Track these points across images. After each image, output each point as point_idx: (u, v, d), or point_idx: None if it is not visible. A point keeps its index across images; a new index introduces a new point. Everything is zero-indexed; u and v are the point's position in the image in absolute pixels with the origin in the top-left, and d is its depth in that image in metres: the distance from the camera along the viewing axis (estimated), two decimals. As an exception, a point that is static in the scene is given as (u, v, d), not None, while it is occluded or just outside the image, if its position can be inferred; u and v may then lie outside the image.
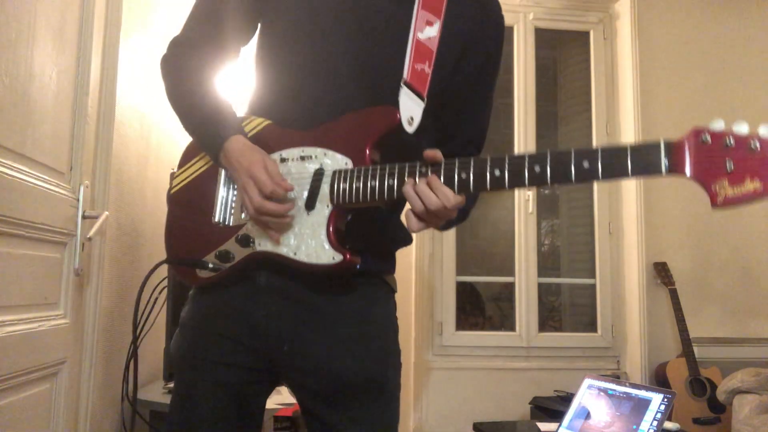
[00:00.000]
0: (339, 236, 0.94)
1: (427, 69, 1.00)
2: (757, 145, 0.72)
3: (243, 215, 1.00)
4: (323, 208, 0.94)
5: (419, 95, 0.99)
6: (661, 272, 2.95)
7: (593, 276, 3.15)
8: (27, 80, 1.28)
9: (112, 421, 1.87)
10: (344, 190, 0.93)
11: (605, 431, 1.80)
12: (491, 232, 3.39)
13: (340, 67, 1.01)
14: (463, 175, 0.86)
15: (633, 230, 3.05)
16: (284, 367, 1.01)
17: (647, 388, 1.83)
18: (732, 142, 0.73)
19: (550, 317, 3.29)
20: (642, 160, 0.77)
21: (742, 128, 0.74)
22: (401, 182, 0.90)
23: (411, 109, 0.98)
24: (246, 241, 0.98)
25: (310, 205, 0.95)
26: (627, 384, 1.89)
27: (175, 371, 1.09)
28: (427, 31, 1.01)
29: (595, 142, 3.20)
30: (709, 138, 0.74)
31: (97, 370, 1.69)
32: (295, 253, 0.95)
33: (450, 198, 0.86)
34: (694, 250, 3.07)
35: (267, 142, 1.00)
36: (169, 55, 1.10)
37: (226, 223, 1.02)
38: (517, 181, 0.84)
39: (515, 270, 3.08)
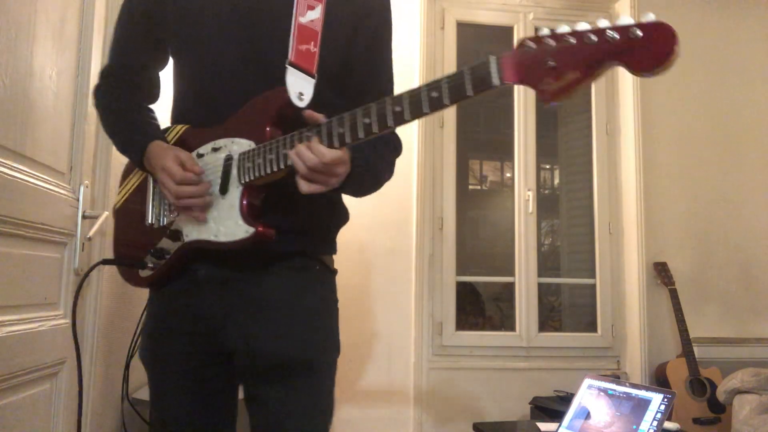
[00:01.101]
0: (253, 212, 1.01)
1: (313, 48, 1.08)
2: (572, 39, 0.79)
3: (171, 214, 1.09)
4: (234, 190, 1.02)
5: (307, 73, 1.07)
6: (661, 272, 2.95)
7: (593, 276, 3.15)
8: (27, 80, 1.28)
9: (112, 421, 1.87)
10: (248, 168, 1.01)
11: (605, 431, 1.80)
12: (491, 232, 3.39)
13: (232, 60, 1.09)
14: (340, 130, 0.93)
15: (633, 230, 3.05)
16: (229, 349, 1.08)
17: (647, 388, 1.83)
18: (552, 42, 0.80)
19: (550, 317, 3.29)
20: (477, 79, 0.84)
21: (562, 29, 0.80)
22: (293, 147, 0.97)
23: (300, 85, 1.05)
24: (176, 235, 1.07)
25: (223, 189, 1.03)
26: (627, 384, 1.89)
27: (146, 371, 1.16)
28: (309, 14, 1.09)
29: (594, 142, 3.20)
30: (532, 44, 0.81)
31: (97, 370, 1.69)
32: (216, 236, 1.02)
33: (325, 154, 0.92)
34: (694, 250, 3.07)
35: (186, 144, 1.09)
36: (98, 86, 1.21)
37: (160, 223, 1.10)
38: (383, 124, 0.90)
39: (515, 270, 3.08)
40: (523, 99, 3.12)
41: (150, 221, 1.12)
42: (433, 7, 3.11)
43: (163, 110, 1.24)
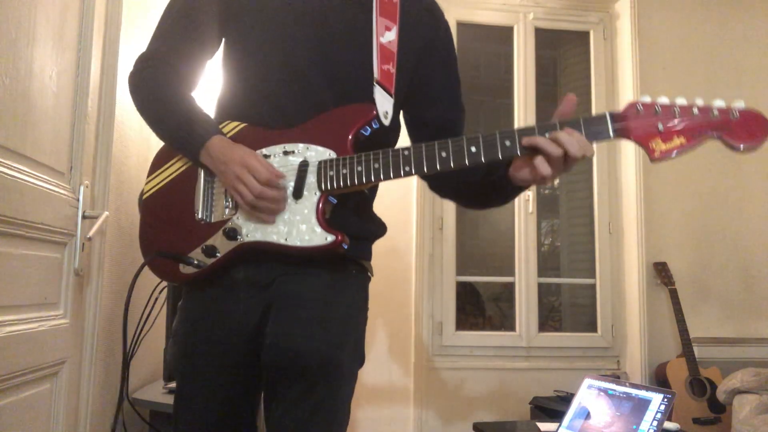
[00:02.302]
0: (326, 220, 1.03)
1: (392, 69, 1.12)
2: (678, 110, 0.96)
3: (227, 210, 1.06)
4: (311, 196, 1.03)
5: (389, 92, 1.11)
6: (661, 272, 2.95)
7: (593, 276, 3.15)
8: (27, 80, 1.28)
9: (112, 421, 1.87)
10: (332, 177, 1.02)
11: (605, 431, 1.80)
12: (491, 232, 3.39)
13: (310, 72, 1.09)
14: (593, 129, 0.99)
15: (633, 230, 3.05)
16: (258, 349, 1.06)
17: (647, 388, 1.83)
18: (659, 109, 0.96)
19: (550, 317, 3.29)
20: (594, 129, 0.97)
21: (664, 99, 0.97)
22: (386, 166, 1.01)
23: (384, 104, 1.10)
24: (233, 234, 1.04)
25: (297, 194, 1.03)
26: (627, 384, 1.89)
27: (175, 378, 1.16)
28: (387, 35, 1.13)
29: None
30: (642, 108, 0.97)
31: (97, 370, 1.69)
32: (286, 239, 1.02)
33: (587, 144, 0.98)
34: (694, 250, 3.07)
35: (247, 142, 1.06)
36: (138, 70, 1.15)
37: (209, 219, 1.07)
38: (491, 155, 0.98)
39: (515, 270, 3.08)
40: (523, 99, 3.12)
41: (201, 216, 1.07)
42: (433, 7, 3.11)
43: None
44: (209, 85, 1.37)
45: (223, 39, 1.17)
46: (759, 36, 3.25)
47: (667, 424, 1.96)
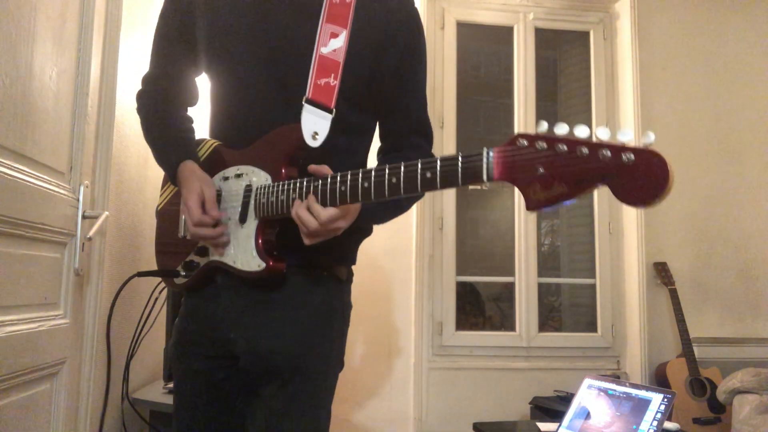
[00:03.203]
0: (267, 245, 1.05)
1: (333, 81, 1.06)
2: (563, 147, 0.72)
3: None
4: (251, 221, 1.06)
5: (325, 108, 1.05)
6: (661, 272, 2.95)
7: (593, 276, 3.15)
8: (27, 80, 1.28)
9: (112, 421, 1.87)
10: (263, 204, 1.03)
11: (605, 431, 1.80)
12: (491, 232, 3.39)
13: (256, 87, 1.11)
14: (342, 188, 0.92)
15: (633, 230, 3.05)
16: (235, 351, 1.12)
17: (647, 388, 1.83)
18: (543, 145, 0.73)
19: (550, 317, 3.29)
20: (467, 169, 0.80)
21: (560, 129, 0.74)
22: (301, 198, 0.97)
23: (315, 124, 1.04)
24: (203, 252, 1.13)
25: (242, 218, 1.06)
26: (627, 384, 1.89)
27: (172, 367, 1.26)
28: (331, 43, 1.08)
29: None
30: (525, 142, 0.75)
31: (97, 370, 1.69)
32: (234, 262, 1.07)
33: (320, 214, 0.93)
34: (694, 250, 3.07)
35: (215, 162, 1.13)
36: (140, 92, 1.25)
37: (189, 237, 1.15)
38: (380, 192, 0.89)
39: (515, 270, 3.08)
40: (523, 99, 3.12)
41: (183, 234, 1.17)
42: (433, 7, 3.11)
43: (200, 111, 1.28)
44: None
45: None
46: (758, 36, 3.25)
47: (667, 424, 1.96)
